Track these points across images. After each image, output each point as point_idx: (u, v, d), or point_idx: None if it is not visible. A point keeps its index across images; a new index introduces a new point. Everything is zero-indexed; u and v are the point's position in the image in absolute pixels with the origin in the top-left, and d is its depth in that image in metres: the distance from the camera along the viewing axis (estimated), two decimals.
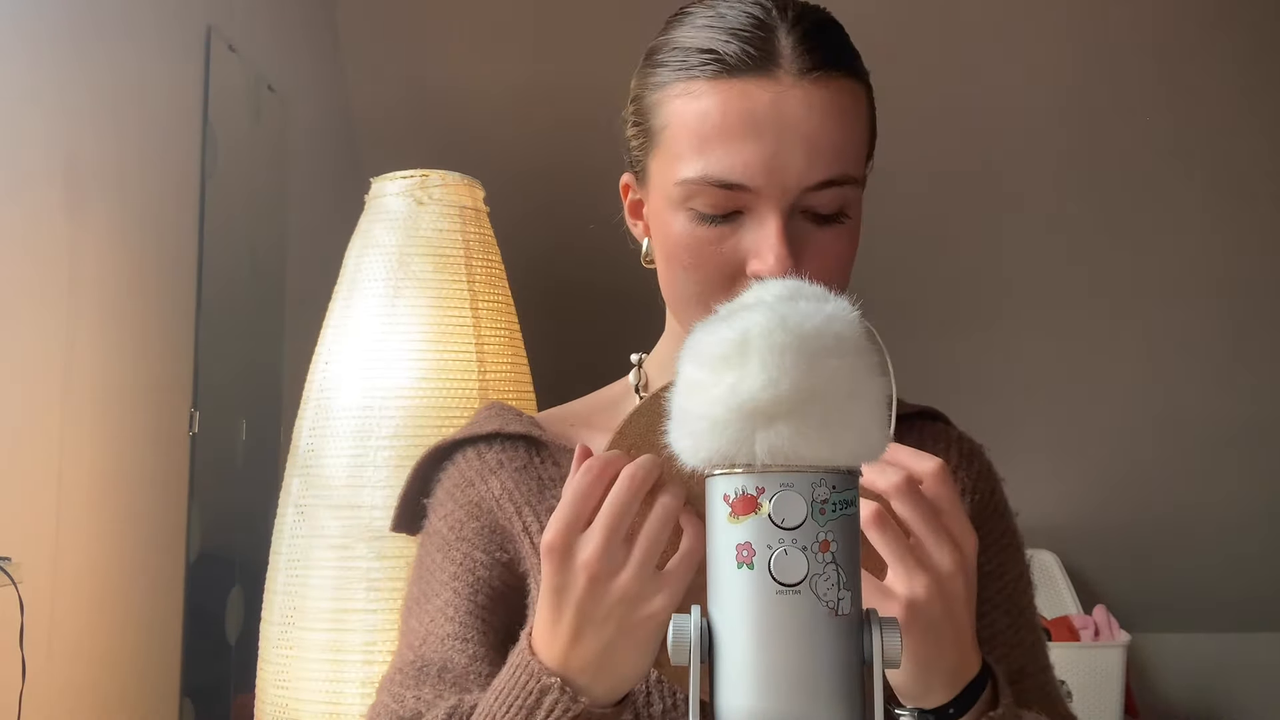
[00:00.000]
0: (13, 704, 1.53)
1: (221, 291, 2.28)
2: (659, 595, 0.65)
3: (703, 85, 0.77)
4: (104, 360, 1.88)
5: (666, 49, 0.81)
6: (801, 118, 0.75)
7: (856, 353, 0.58)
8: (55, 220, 1.76)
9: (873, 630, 0.57)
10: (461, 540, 0.85)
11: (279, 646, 1.66)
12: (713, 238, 0.77)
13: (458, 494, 0.87)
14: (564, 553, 0.65)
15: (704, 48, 0.77)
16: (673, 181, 0.78)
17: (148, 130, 2.04)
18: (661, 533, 0.65)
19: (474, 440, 0.88)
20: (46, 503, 1.72)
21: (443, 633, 0.81)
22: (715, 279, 0.77)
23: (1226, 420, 3.39)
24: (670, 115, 0.79)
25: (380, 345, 1.69)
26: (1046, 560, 3.53)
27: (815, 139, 0.76)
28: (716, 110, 0.76)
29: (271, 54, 2.60)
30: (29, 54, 1.70)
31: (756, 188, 0.75)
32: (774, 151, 0.75)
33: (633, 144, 0.85)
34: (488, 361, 1.72)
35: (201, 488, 2.17)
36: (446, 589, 0.83)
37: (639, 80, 0.84)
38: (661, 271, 0.83)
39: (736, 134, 0.75)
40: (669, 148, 0.79)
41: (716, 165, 0.75)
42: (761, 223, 0.76)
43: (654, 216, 0.82)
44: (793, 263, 0.75)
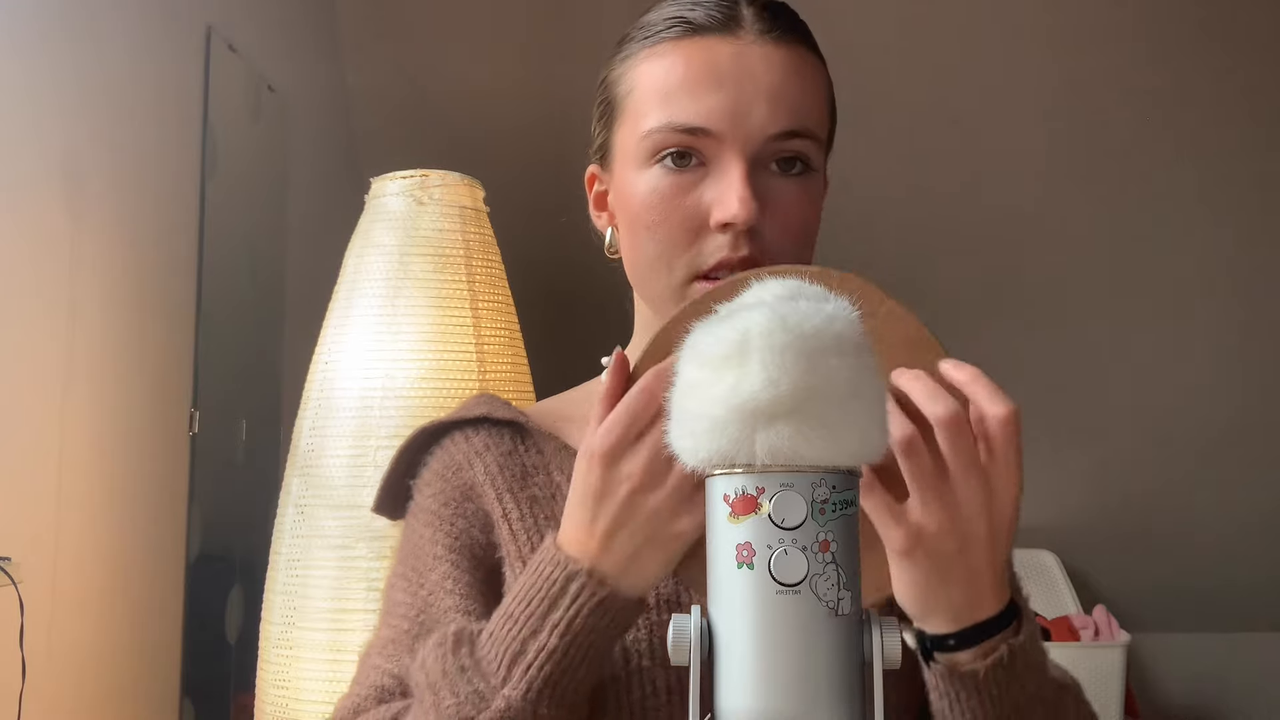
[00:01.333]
0: (13, 704, 1.53)
1: (221, 291, 2.28)
2: (689, 516, 0.68)
3: (667, 46, 0.80)
4: (104, 360, 1.88)
5: (633, 31, 0.84)
6: (763, 71, 0.79)
7: (856, 352, 0.58)
8: (55, 220, 1.76)
9: (873, 630, 0.57)
10: (458, 517, 0.85)
11: (279, 646, 1.66)
12: (676, 190, 0.78)
13: (449, 475, 0.87)
14: (612, 460, 0.68)
15: (669, 16, 0.81)
16: (639, 136, 0.80)
17: (148, 130, 2.04)
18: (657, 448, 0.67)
19: (461, 424, 0.89)
20: (46, 503, 1.72)
21: (445, 605, 0.81)
22: (678, 234, 0.79)
23: (1226, 420, 3.39)
24: (635, 79, 0.82)
25: (380, 345, 1.69)
26: (1046, 560, 3.53)
27: (776, 91, 0.79)
28: (680, 64, 0.79)
29: (271, 54, 2.60)
30: (29, 54, 1.70)
31: (720, 133, 0.77)
32: (736, 99, 0.78)
33: (596, 131, 0.87)
34: (488, 361, 1.72)
35: (201, 488, 2.17)
36: (444, 562, 0.83)
37: (604, 67, 0.86)
38: (626, 249, 0.84)
39: (700, 84, 0.78)
40: (635, 109, 0.81)
41: (680, 112, 0.78)
42: (724, 171, 0.78)
43: (618, 191, 0.83)
44: (757, 208, 0.77)
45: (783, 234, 0.79)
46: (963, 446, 0.66)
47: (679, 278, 0.79)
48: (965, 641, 0.69)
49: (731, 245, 0.78)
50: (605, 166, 0.86)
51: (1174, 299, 3.31)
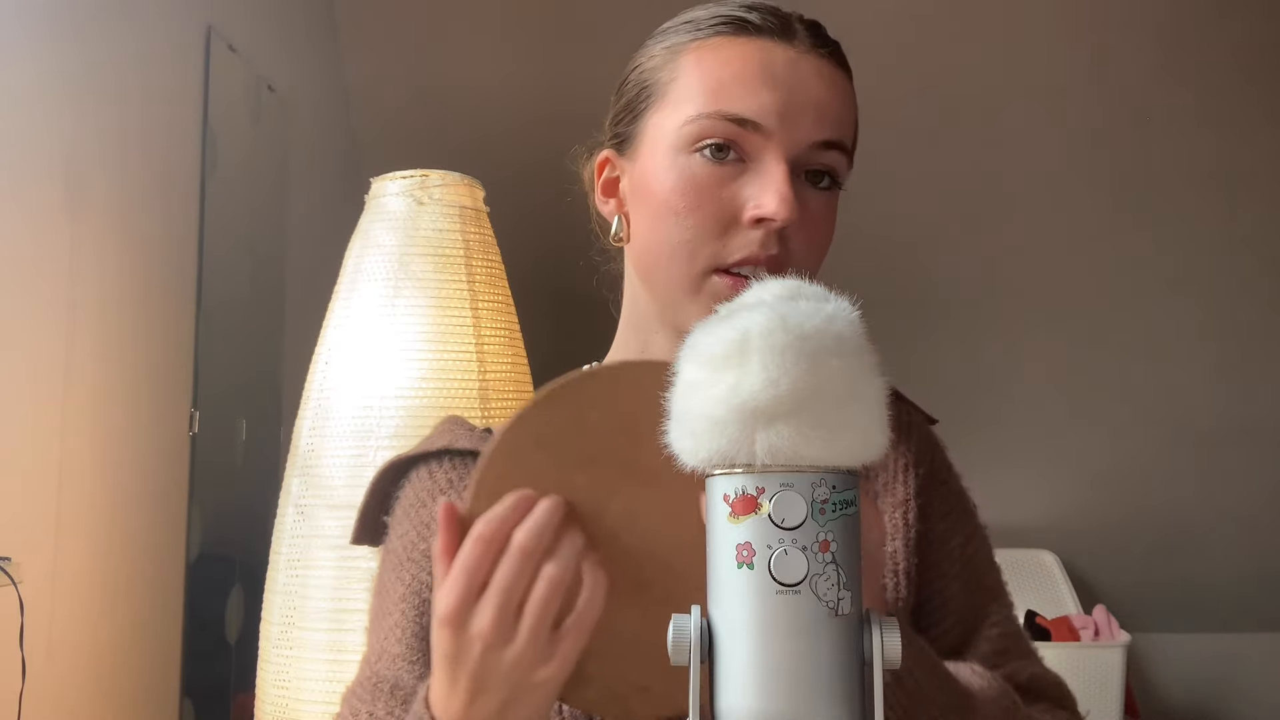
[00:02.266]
0: (13, 704, 1.53)
1: (221, 291, 2.28)
2: (551, 662, 0.66)
3: (722, 40, 0.81)
4: (104, 360, 1.88)
5: (676, 25, 0.84)
6: (813, 81, 0.80)
7: (857, 353, 0.58)
8: (55, 220, 1.76)
9: (873, 630, 0.57)
10: (410, 562, 0.85)
11: (279, 646, 1.66)
12: (714, 180, 0.78)
13: (411, 513, 0.86)
14: (458, 624, 0.66)
15: (725, 15, 0.82)
16: (681, 121, 0.79)
17: (148, 130, 2.04)
18: (549, 602, 0.66)
19: (426, 458, 0.88)
20: (46, 503, 1.72)
21: (394, 652, 0.82)
22: (709, 223, 0.78)
23: (1226, 420, 3.39)
24: (682, 67, 0.81)
25: (380, 345, 1.69)
26: (1046, 560, 3.53)
27: (823, 103, 0.80)
28: (737, 58, 0.80)
29: (271, 54, 2.60)
30: (29, 54, 1.70)
31: (768, 129, 0.78)
32: (788, 101, 0.78)
33: (620, 116, 0.86)
34: (488, 361, 1.72)
35: (201, 488, 2.17)
36: (396, 610, 0.84)
37: (638, 56, 0.86)
38: (643, 235, 0.83)
39: (754, 79, 0.79)
40: (678, 95, 0.81)
41: (733, 102, 0.78)
42: (767, 169, 0.78)
43: (642, 177, 0.82)
44: (797, 208, 0.77)
45: (808, 243, 0.80)
46: None
47: (700, 267, 0.79)
48: None
49: (761, 243, 0.77)
50: (624, 153, 0.86)
51: (1175, 299, 3.32)
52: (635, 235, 0.84)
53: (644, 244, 0.83)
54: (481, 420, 1.67)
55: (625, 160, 0.85)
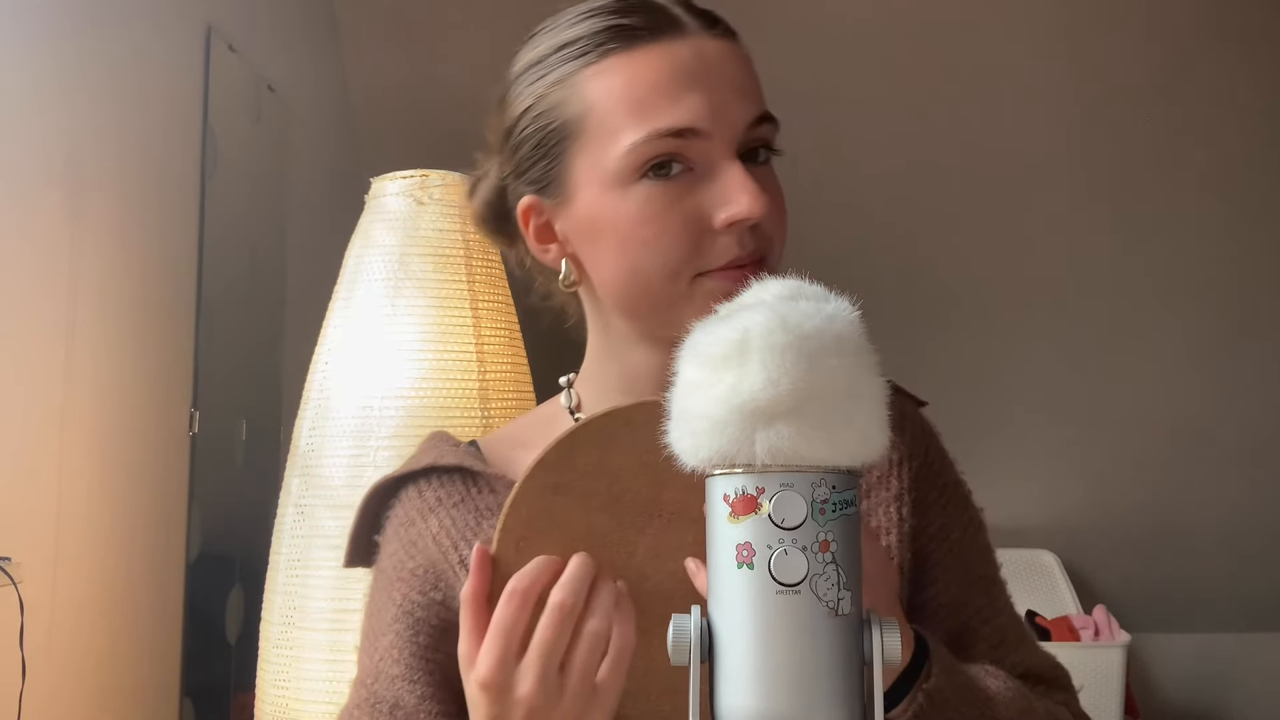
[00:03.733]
0: (13, 704, 1.53)
1: (221, 291, 2.28)
2: (594, 713, 0.66)
3: (619, 58, 0.77)
4: (104, 360, 1.88)
5: (550, 54, 0.80)
6: (724, 64, 0.78)
7: (857, 352, 0.58)
8: (55, 220, 1.76)
9: (873, 630, 0.57)
10: (400, 581, 0.84)
11: (279, 646, 1.66)
12: (670, 198, 0.76)
13: (401, 532, 0.86)
14: (501, 688, 0.65)
15: (601, 29, 0.78)
16: (618, 154, 0.76)
17: (148, 130, 2.04)
18: (593, 660, 0.66)
19: (414, 476, 0.87)
20: (46, 503, 1.72)
21: (392, 673, 0.81)
22: (683, 240, 0.76)
23: (1227, 420, 3.39)
24: (589, 96, 0.77)
25: (380, 345, 1.69)
26: (1046, 560, 3.53)
27: (741, 81, 0.78)
28: (647, 69, 0.76)
29: (271, 54, 2.60)
30: (29, 54, 1.70)
31: (708, 131, 0.75)
32: (712, 96, 0.76)
33: (532, 160, 0.81)
34: (488, 361, 1.72)
35: (201, 488, 2.17)
36: (390, 630, 0.83)
37: (519, 98, 0.82)
38: (610, 271, 0.79)
39: (673, 86, 0.76)
40: (599, 129, 0.77)
41: (662, 118, 0.75)
42: (721, 171, 0.76)
43: (587, 216, 0.79)
44: (767, 199, 0.75)
45: (776, 222, 0.78)
46: None
47: (684, 280, 0.77)
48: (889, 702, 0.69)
49: (739, 243, 0.76)
50: (553, 196, 0.81)
51: (1175, 299, 3.31)
52: (597, 273, 0.81)
53: (611, 279, 0.79)
54: (482, 421, 1.67)
55: (554, 204, 0.81)
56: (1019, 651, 0.85)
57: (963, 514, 0.88)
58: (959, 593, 0.85)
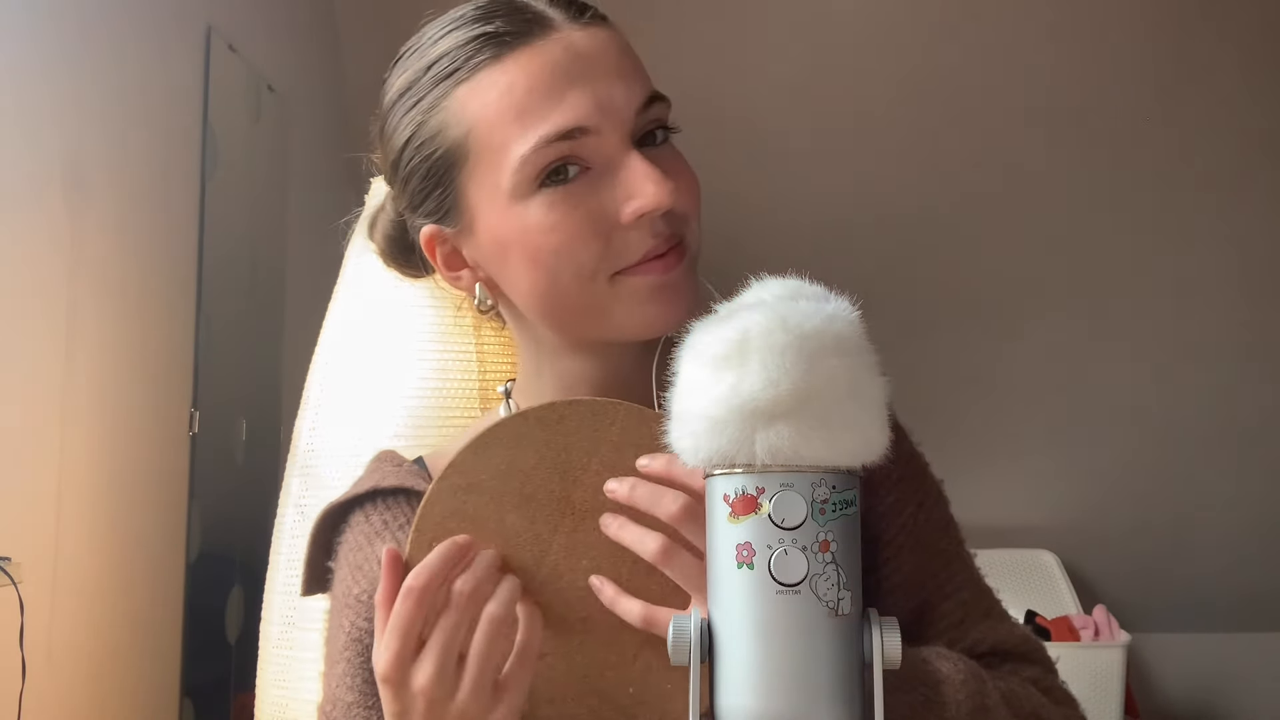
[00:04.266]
0: (13, 704, 1.53)
1: (221, 291, 2.28)
2: (498, 708, 0.65)
3: (490, 71, 0.74)
4: (104, 360, 1.88)
5: (419, 78, 0.77)
6: (599, 53, 0.74)
7: (857, 352, 0.58)
8: (55, 220, 1.76)
9: (873, 630, 0.57)
10: (348, 608, 0.83)
11: (279, 646, 1.66)
12: (572, 203, 0.73)
13: (350, 557, 0.85)
14: (399, 682, 0.65)
15: (466, 42, 0.75)
16: (510, 170, 0.73)
17: (148, 130, 2.04)
18: (491, 648, 0.65)
19: (360, 500, 0.86)
20: (46, 503, 1.72)
21: (346, 700, 0.81)
22: (591, 244, 0.73)
23: (1226, 421, 3.39)
24: (469, 118, 0.74)
25: (380, 346, 1.69)
26: (1046, 560, 3.53)
27: (620, 67, 0.75)
28: (521, 78, 0.73)
29: (271, 54, 2.60)
30: (29, 54, 1.70)
31: (596, 126, 0.72)
32: (594, 89, 0.73)
33: (425, 191, 0.79)
34: (488, 361, 1.72)
35: (201, 488, 2.17)
36: (342, 658, 0.82)
37: (395, 131, 0.79)
38: (526, 287, 0.77)
39: (552, 89, 0.73)
40: (485, 148, 0.74)
41: (547, 123, 0.72)
42: (619, 164, 0.73)
43: (493, 236, 0.76)
44: (672, 185, 0.72)
45: (687, 199, 0.75)
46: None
47: (601, 282, 0.74)
48: None
49: (651, 232, 0.73)
50: (452, 223, 0.78)
51: (1175, 299, 3.31)
52: (514, 292, 0.79)
53: (529, 294, 0.77)
54: None
55: (456, 230, 0.79)
56: (982, 627, 0.81)
57: (918, 489, 0.84)
58: (915, 570, 0.81)
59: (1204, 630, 3.65)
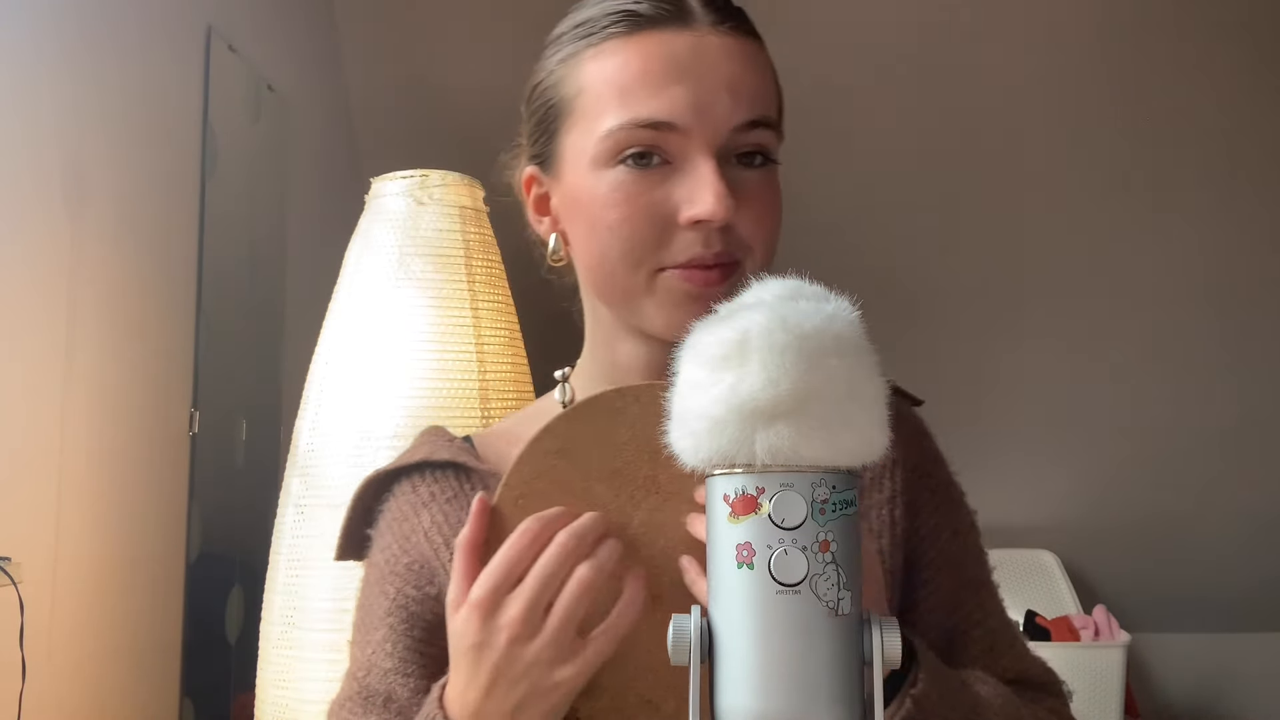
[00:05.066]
0: (13, 704, 1.53)
1: (221, 291, 2.28)
2: (572, 663, 0.66)
3: (618, 43, 0.77)
4: (104, 360, 1.88)
5: (567, 30, 0.82)
6: (722, 62, 0.77)
7: (857, 352, 0.58)
8: (55, 220, 1.76)
9: (873, 630, 0.57)
10: (394, 575, 0.84)
11: (279, 646, 1.66)
12: (641, 188, 0.76)
13: (395, 527, 0.86)
14: (488, 611, 0.67)
15: (612, 12, 0.78)
16: (597, 137, 0.77)
17: (148, 130, 2.04)
18: (576, 603, 0.66)
19: (408, 471, 0.87)
20: (46, 503, 1.72)
21: (384, 666, 0.82)
22: (645, 231, 0.76)
23: (1226, 420, 3.39)
24: (584, 78, 0.78)
25: (380, 346, 1.69)
26: (1046, 560, 3.53)
27: (737, 82, 0.76)
28: (638, 58, 0.76)
29: (271, 54, 2.60)
30: (29, 54, 1.70)
31: (686, 127, 0.75)
32: (699, 92, 0.75)
33: (535, 135, 0.84)
34: (488, 361, 1.72)
35: (201, 488, 2.17)
36: (383, 624, 0.83)
37: (536, 71, 0.84)
38: (583, 251, 0.81)
39: (660, 78, 0.75)
40: (587, 109, 0.78)
41: (643, 107, 0.75)
42: (694, 168, 0.75)
43: (571, 195, 0.80)
44: (733, 204, 0.74)
45: (755, 227, 0.77)
46: None
47: (645, 272, 0.77)
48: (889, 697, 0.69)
49: (704, 242, 0.75)
50: (548, 170, 0.83)
51: (1176, 299, 3.31)
52: (576, 252, 0.82)
53: (586, 260, 0.81)
54: (481, 421, 1.67)
55: (550, 178, 0.83)
56: (1009, 656, 0.84)
57: (955, 516, 0.87)
58: (950, 596, 0.84)
59: (1204, 630, 3.66)
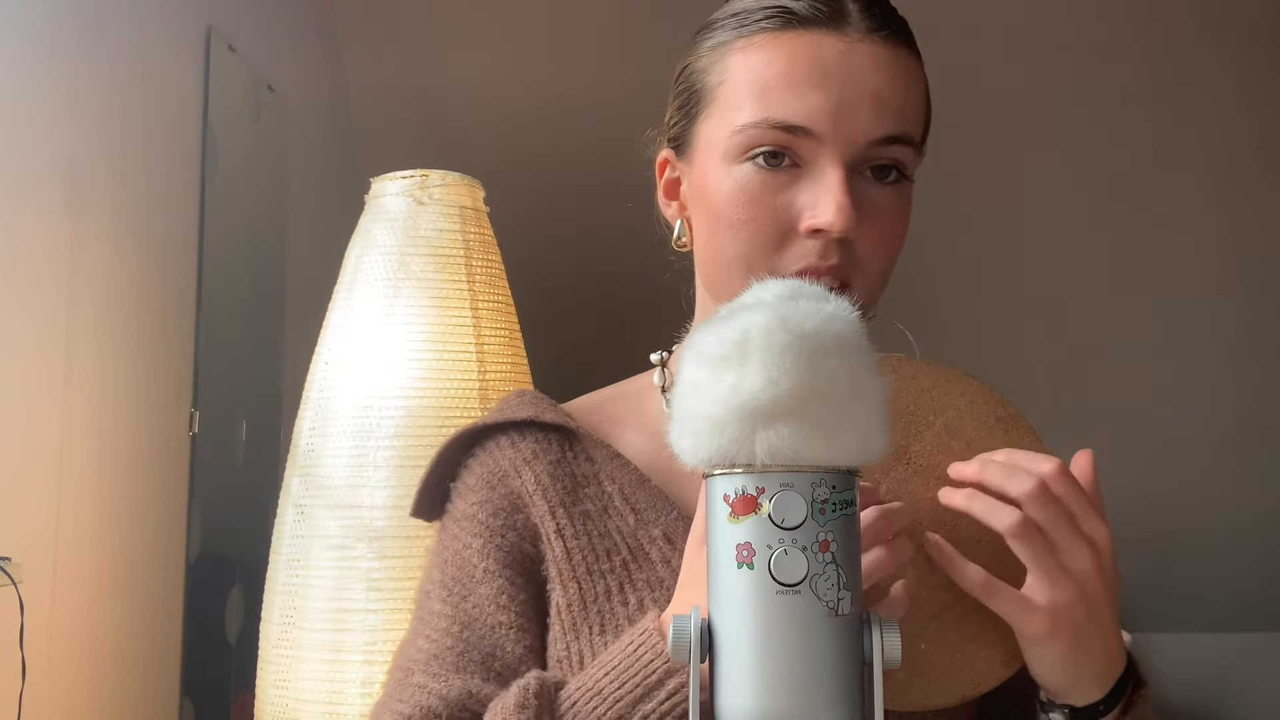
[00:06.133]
0: (13, 704, 1.53)
1: (221, 291, 2.28)
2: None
3: (767, 38, 0.76)
4: (104, 360, 1.88)
5: (723, 17, 0.80)
6: (869, 72, 0.75)
7: (857, 352, 0.58)
8: (55, 220, 1.76)
9: (873, 630, 0.57)
10: (509, 529, 0.81)
11: (279, 646, 1.66)
12: (768, 189, 0.75)
13: (495, 483, 0.83)
14: None
15: (768, 6, 0.77)
16: (730, 131, 0.76)
17: (148, 130, 2.04)
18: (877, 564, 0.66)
19: (506, 427, 0.84)
20: (46, 503, 1.72)
21: (494, 621, 0.79)
22: (766, 234, 0.75)
23: (1226, 420, 3.39)
24: (729, 69, 0.78)
25: (380, 345, 1.69)
26: None
27: (882, 94, 0.75)
28: (784, 57, 0.75)
29: (271, 54, 2.60)
30: (29, 54, 1.70)
31: (821, 133, 0.74)
32: (840, 100, 0.74)
33: (675, 118, 0.83)
34: (488, 361, 1.72)
35: (201, 488, 2.17)
36: (497, 578, 0.80)
37: (688, 52, 0.82)
38: (703, 243, 0.80)
39: (803, 80, 0.74)
40: (726, 101, 0.77)
41: (781, 108, 0.74)
42: (821, 175, 0.74)
43: (699, 184, 0.79)
44: (855, 217, 0.73)
45: (876, 246, 0.76)
46: (1058, 514, 0.67)
47: (758, 274, 0.74)
48: (1113, 703, 0.69)
49: (820, 253, 0.74)
50: (682, 155, 0.82)
51: (1175, 299, 3.31)
52: (696, 242, 0.82)
53: (704, 253, 0.80)
54: None
55: (683, 163, 0.82)
56: None
57: None
58: None
59: (1204, 630, 3.66)
